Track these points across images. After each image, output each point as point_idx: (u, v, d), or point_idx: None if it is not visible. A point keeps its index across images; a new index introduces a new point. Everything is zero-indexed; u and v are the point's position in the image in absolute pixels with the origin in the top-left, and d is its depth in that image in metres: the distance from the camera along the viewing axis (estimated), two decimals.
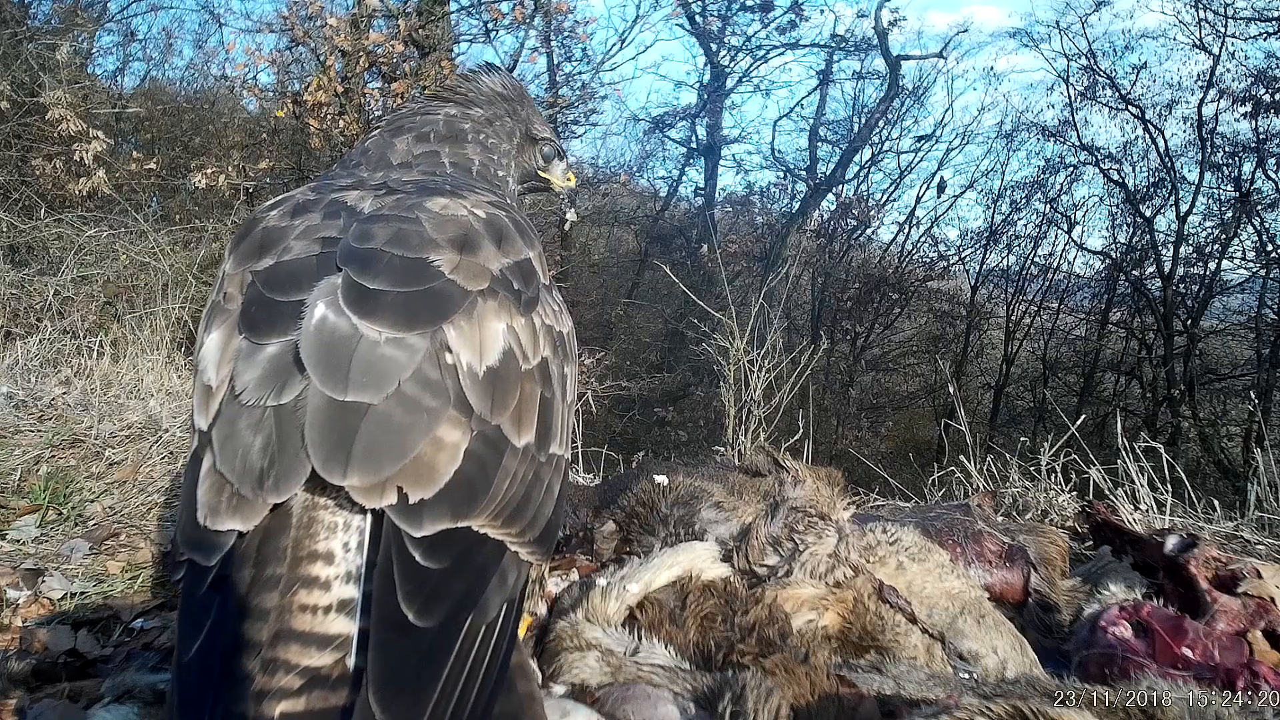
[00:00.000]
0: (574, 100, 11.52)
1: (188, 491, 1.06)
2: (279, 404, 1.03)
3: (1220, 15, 13.49)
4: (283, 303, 1.12)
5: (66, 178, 7.87)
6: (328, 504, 1.02)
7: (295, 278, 1.15)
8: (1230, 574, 1.90)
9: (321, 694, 0.90)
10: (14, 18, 9.31)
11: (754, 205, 20.31)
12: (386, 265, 1.14)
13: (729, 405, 4.83)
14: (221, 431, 1.04)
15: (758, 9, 17.78)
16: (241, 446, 1.02)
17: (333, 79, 7.68)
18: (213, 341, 1.14)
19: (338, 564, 0.99)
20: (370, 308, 1.08)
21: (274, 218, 1.30)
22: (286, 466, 1.00)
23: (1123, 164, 15.44)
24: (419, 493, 0.99)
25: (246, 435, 1.03)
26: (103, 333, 5.52)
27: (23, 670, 1.67)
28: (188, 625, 0.96)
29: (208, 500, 1.01)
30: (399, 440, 1.01)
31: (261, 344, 1.08)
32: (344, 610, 0.96)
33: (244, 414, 1.04)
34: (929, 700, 1.32)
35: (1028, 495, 3.18)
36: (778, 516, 2.00)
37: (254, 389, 1.04)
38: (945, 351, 16.73)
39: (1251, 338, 13.94)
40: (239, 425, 1.03)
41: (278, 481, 0.99)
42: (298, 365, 1.04)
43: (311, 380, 1.02)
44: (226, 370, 1.09)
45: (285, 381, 1.04)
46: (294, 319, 1.09)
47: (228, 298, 1.19)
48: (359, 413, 1.01)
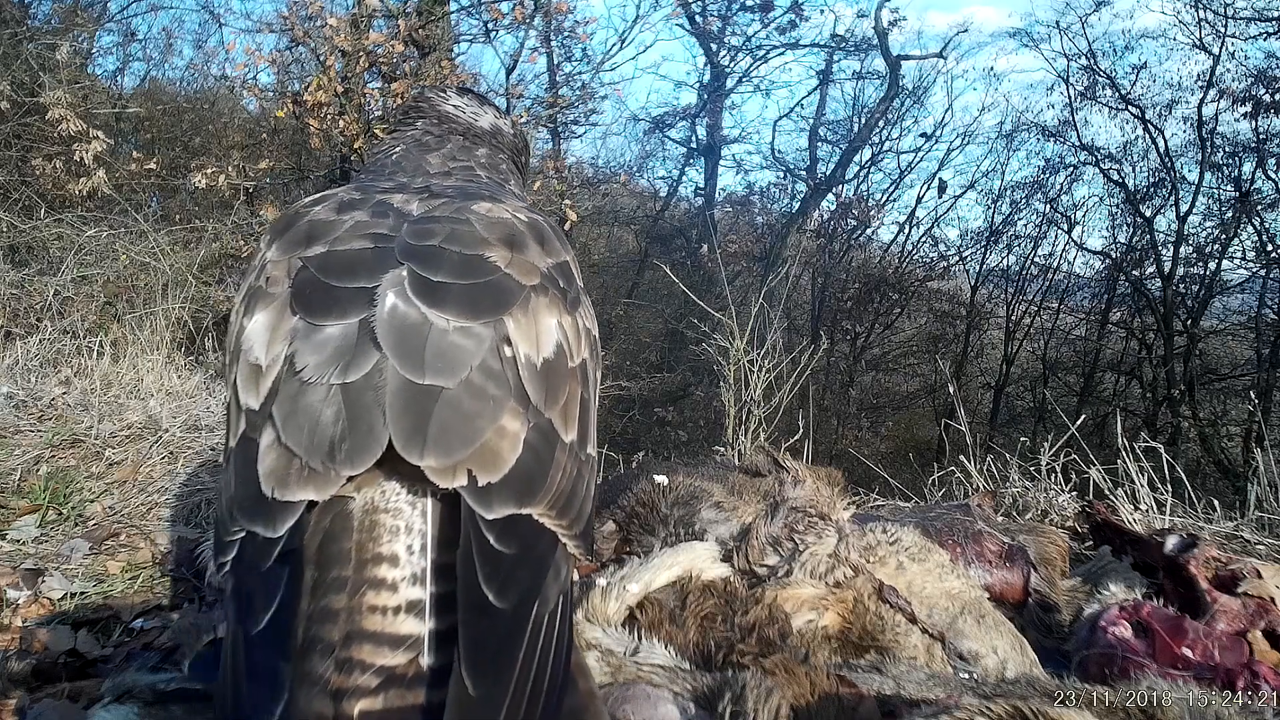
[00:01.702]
0: (574, 100, 11.51)
1: (242, 468, 1.07)
2: (345, 382, 1.06)
3: (1220, 15, 13.48)
4: (340, 288, 1.15)
5: (66, 178, 7.86)
6: (388, 506, 1.05)
7: (351, 266, 1.19)
8: (1230, 574, 1.90)
9: (399, 692, 0.92)
10: (14, 18, 9.30)
11: (754, 205, 20.31)
12: (447, 260, 1.19)
13: (729, 405, 4.83)
14: (284, 408, 1.06)
15: (758, 9, 17.78)
16: (308, 422, 1.04)
17: (333, 79, 7.67)
18: (258, 323, 1.16)
19: (403, 566, 1.01)
20: (438, 298, 1.13)
21: (319, 212, 1.34)
22: (360, 442, 1.02)
23: (1123, 164, 15.44)
24: (487, 477, 1.02)
25: (313, 411, 1.04)
26: (103, 333, 5.52)
27: (23, 670, 1.67)
28: (255, 596, 0.96)
29: (274, 472, 1.02)
30: (469, 426, 1.05)
31: (320, 325, 1.11)
32: (413, 611, 0.98)
33: (307, 391, 1.06)
34: (929, 700, 1.32)
35: (1028, 495, 3.18)
36: (778, 516, 2.00)
37: (316, 367, 1.07)
38: (945, 351, 16.72)
39: (1251, 338, 13.93)
40: (303, 402, 1.06)
41: (351, 455, 1.01)
42: (360, 347, 1.08)
43: (390, 361, 1.06)
44: (279, 349, 1.12)
45: (349, 361, 1.07)
46: (352, 304, 1.13)
47: (271, 281, 1.22)
48: (434, 396, 1.04)
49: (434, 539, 1.03)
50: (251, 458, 1.05)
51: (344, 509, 1.04)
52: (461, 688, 0.88)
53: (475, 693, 0.88)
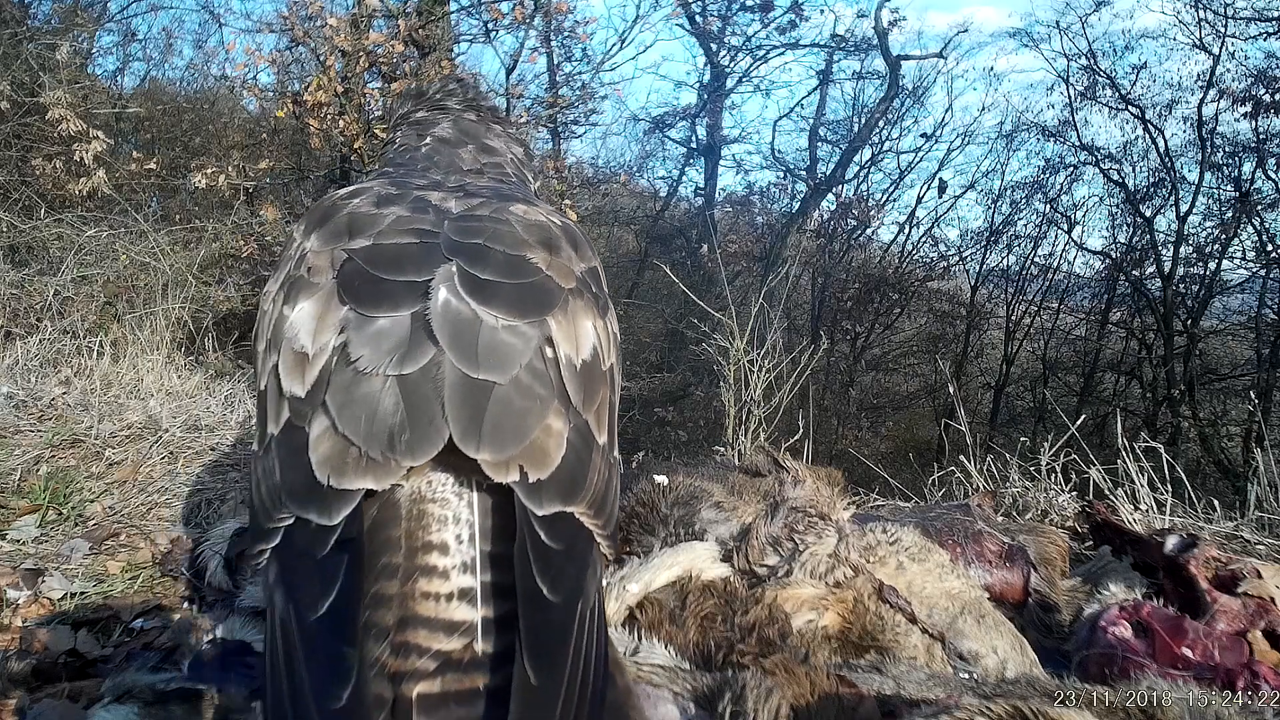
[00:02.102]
0: (574, 100, 11.50)
1: (288, 456, 1.08)
2: (401, 374, 1.07)
3: (1220, 15, 13.46)
4: (389, 280, 1.17)
5: (66, 178, 7.85)
6: (435, 496, 1.07)
7: (398, 259, 1.21)
8: (1230, 574, 1.90)
9: (456, 676, 0.94)
10: (14, 18, 9.30)
11: (754, 205, 20.29)
12: (493, 259, 1.23)
13: (729, 405, 4.83)
14: (338, 397, 1.08)
15: (758, 9, 17.75)
16: (365, 412, 1.05)
17: (333, 79, 7.66)
18: (304, 311, 1.18)
19: (453, 555, 1.03)
20: (487, 295, 1.16)
21: (358, 205, 1.36)
22: (421, 433, 1.04)
23: (1123, 164, 15.41)
24: (537, 474, 1.06)
25: (370, 401, 1.06)
26: (103, 333, 5.52)
27: (23, 670, 1.68)
28: (310, 582, 0.97)
29: (329, 460, 1.04)
30: (520, 422, 1.08)
31: (372, 316, 1.13)
32: (465, 598, 1.00)
33: (363, 381, 1.08)
34: (929, 700, 1.32)
35: (1028, 495, 3.18)
36: (778, 516, 2.00)
37: (371, 358, 1.09)
38: (945, 351, 16.71)
39: (1251, 338, 13.92)
40: (359, 392, 1.07)
41: (413, 446, 1.03)
42: (415, 340, 1.10)
43: (447, 355, 1.08)
44: (327, 338, 1.13)
45: (405, 353, 1.09)
46: (403, 297, 1.15)
47: (314, 271, 1.24)
48: (487, 392, 1.07)
49: (480, 529, 1.06)
50: (300, 445, 1.07)
51: (391, 498, 1.06)
52: (524, 677, 0.90)
53: (536, 682, 0.90)
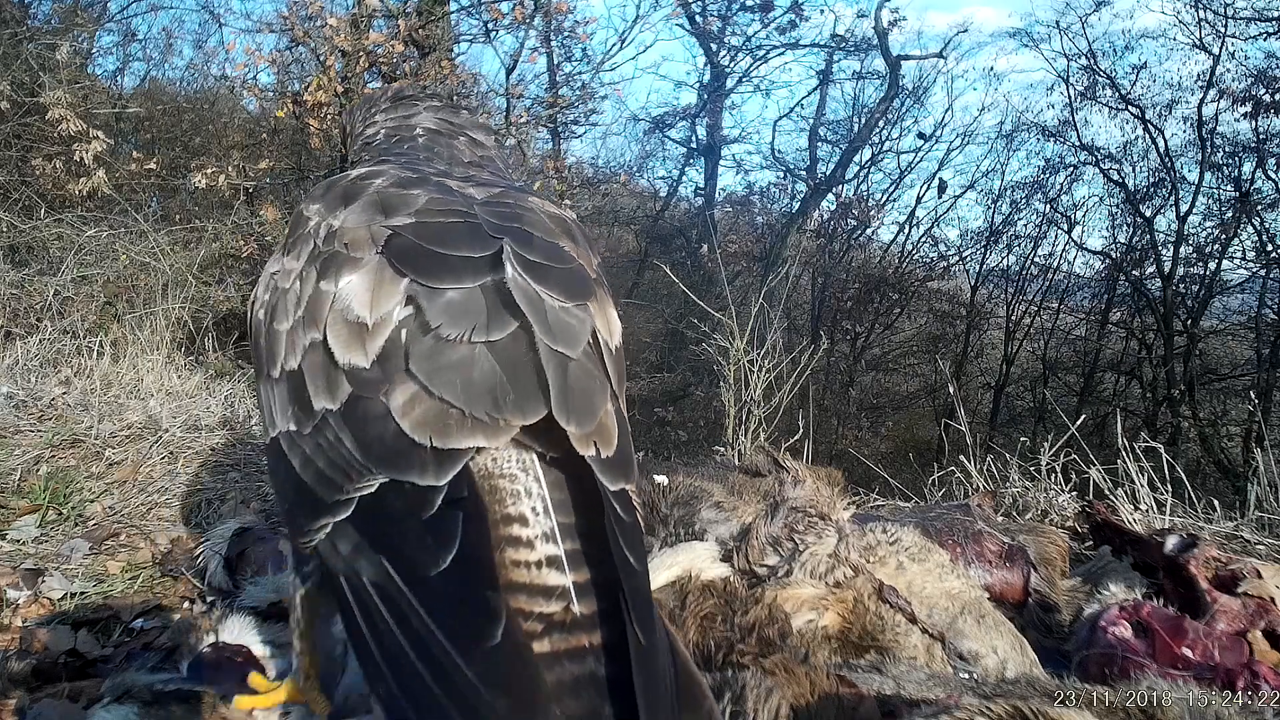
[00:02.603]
0: (574, 100, 11.49)
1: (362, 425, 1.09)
2: (489, 340, 1.12)
3: (1220, 15, 13.46)
4: (450, 255, 1.21)
5: (66, 178, 7.85)
6: (504, 472, 1.10)
7: (449, 236, 1.24)
8: (1230, 574, 1.90)
9: (563, 636, 0.98)
10: (14, 18, 9.30)
11: (754, 205, 20.29)
12: (536, 244, 1.27)
13: (729, 405, 4.83)
14: (425, 364, 1.10)
15: (758, 9, 17.75)
16: (460, 377, 1.09)
17: (333, 79, 7.66)
18: (352, 284, 1.20)
19: (532, 526, 1.07)
20: (540, 276, 1.21)
21: (382, 185, 1.39)
22: (526, 395, 1.09)
23: (1123, 164, 15.42)
24: (606, 451, 1.12)
25: (464, 366, 1.10)
26: (103, 333, 5.52)
27: (23, 670, 1.67)
28: (421, 542, 0.99)
29: (428, 423, 1.06)
30: (590, 401, 1.14)
31: (439, 288, 1.16)
32: (553, 565, 1.03)
33: (448, 349, 1.11)
34: (929, 700, 1.32)
35: (1028, 495, 3.18)
36: (778, 516, 2.00)
37: (451, 326, 1.12)
38: (945, 351, 16.71)
39: (1251, 338, 13.91)
40: (446, 358, 1.11)
41: (521, 406, 1.09)
42: (493, 310, 1.14)
43: (535, 329, 1.13)
44: (388, 308, 1.15)
45: (486, 322, 1.13)
46: (466, 271, 1.18)
47: (352, 246, 1.25)
48: (565, 367, 1.13)
49: (552, 502, 1.09)
50: (378, 414, 1.09)
51: (464, 471, 1.07)
52: (636, 639, 0.95)
53: (645, 642, 0.95)
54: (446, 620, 0.93)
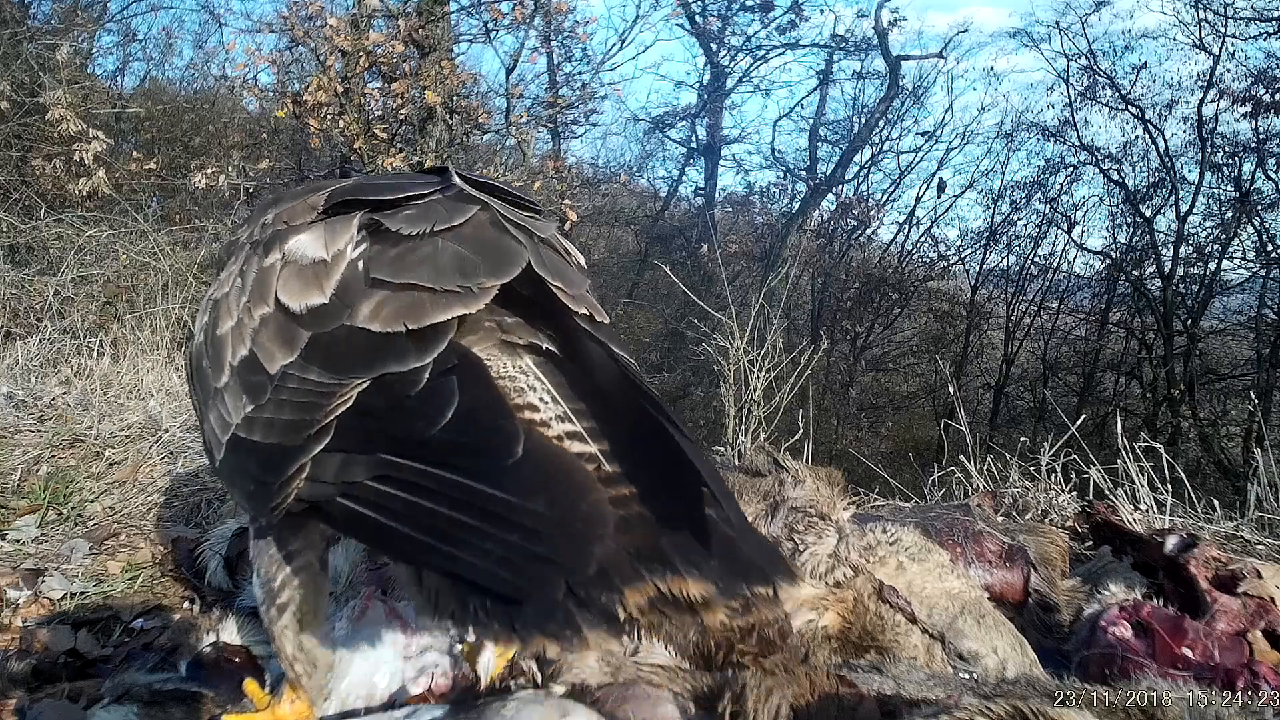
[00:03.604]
0: (574, 100, 11.51)
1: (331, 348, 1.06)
2: (451, 225, 1.11)
3: (1220, 15, 13.47)
4: (397, 183, 1.21)
5: (66, 178, 7.86)
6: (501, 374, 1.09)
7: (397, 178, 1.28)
8: (1230, 574, 1.90)
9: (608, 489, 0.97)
10: (14, 18, 9.30)
11: (754, 205, 20.31)
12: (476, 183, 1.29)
13: (729, 405, 4.82)
14: (388, 267, 1.08)
15: (758, 9, 17.79)
16: (427, 261, 1.07)
17: (333, 79, 7.67)
18: (304, 238, 1.16)
19: (543, 411, 1.06)
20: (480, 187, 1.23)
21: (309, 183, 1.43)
22: (497, 259, 1.10)
23: (1123, 164, 15.43)
24: (600, 317, 1.16)
25: (430, 252, 1.08)
26: (103, 333, 5.51)
27: (23, 670, 1.68)
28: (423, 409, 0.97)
29: (400, 313, 1.04)
30: (570, 273, 1.17)
31: (395, 209, 1.14)
32: (574, 439, 1.02)
33: (412, 249, 1.09)
34: (929, 700, 1.32)
35: (1028, 495, 3.17)
36: (778, 516, 2.00)
37: (411, 227, 1.10)
38: (945, 351, 16.71)
39: (1251, 338, 13.91)
40: (414, 254, 1.09)
41: (495, 268, 1.07)
42: (451, 204, 1.14)
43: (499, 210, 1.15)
44: (342, 244, 1.13)
45: (448, 215, 1.12)
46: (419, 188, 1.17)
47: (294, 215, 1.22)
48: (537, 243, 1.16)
49: (555, 391, 1.09)
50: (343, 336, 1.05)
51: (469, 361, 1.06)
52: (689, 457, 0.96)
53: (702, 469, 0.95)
54: (462, 461, 0.91)
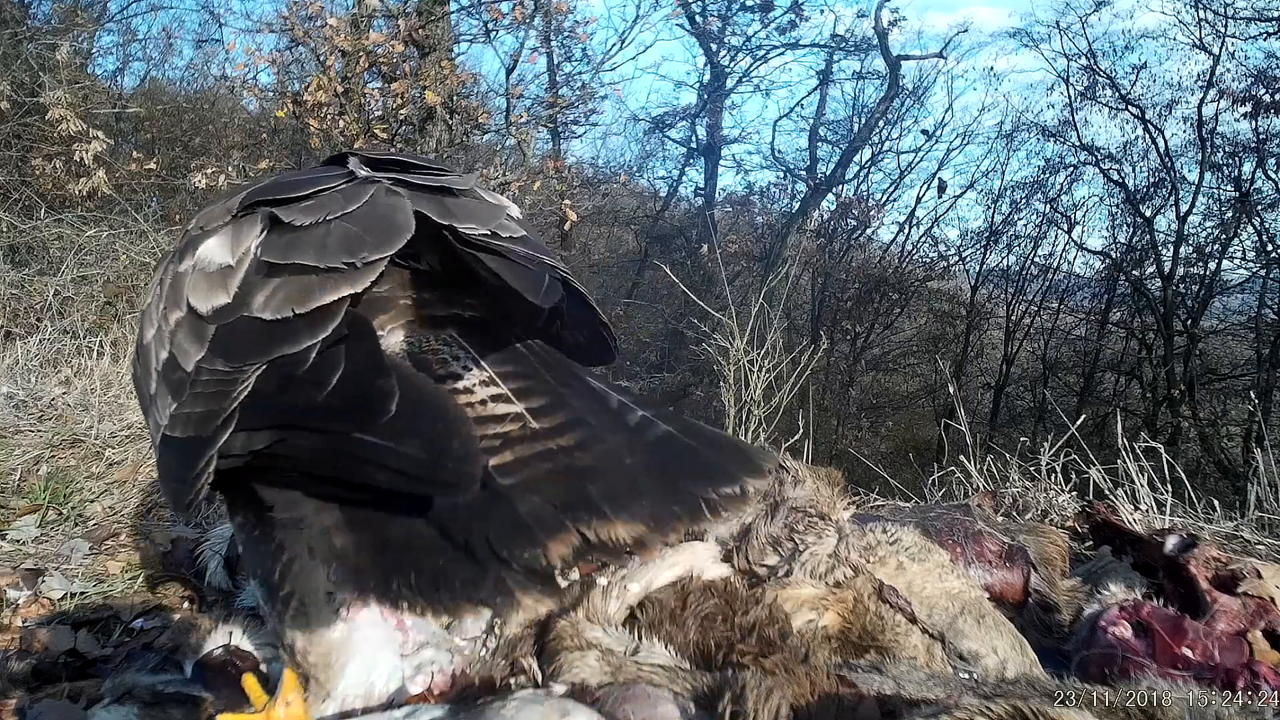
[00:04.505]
0: (574, 100, 11.51)
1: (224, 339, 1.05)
2: (345, 212, 1.10)
3: (1220, 15, 13.47)
4: (306, 178, 1.20)
5: (66, 178, 7.86)
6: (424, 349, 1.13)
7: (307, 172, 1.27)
8: (1230, 574, 1.90)
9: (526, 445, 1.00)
10: (14, 18, 9.30)
11: (754, 205, 20.28)
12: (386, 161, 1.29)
13: (729, 405, 4.82)
14: (280, 253, 1.07)
15: (758, 9, 17.75)
16: (315, 243, 1.06)
17: (333, 79, 7.66)
18: (213, 243, 1.15)
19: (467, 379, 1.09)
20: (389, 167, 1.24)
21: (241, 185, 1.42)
22: (382, 233, 1.07)
23: (1123, 164, 15.42)
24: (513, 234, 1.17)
25: (318, 236, 1.07)
26: (103, 333, 5.51)
27: (23, 670, 1.67)
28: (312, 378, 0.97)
29: (288, 300, 1.03)
30: (487, 210, 1.19)
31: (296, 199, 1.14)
32: (499, 400, 1.06)
33: (304, 232, 1.08)
34: (929, 700, 1.32)
35: (1028, 495, 3.17)
36: (778, 516, 2.00)
37: (306, 216, 1.10)
38: (945, 351, 16.71)
39: (1251, 338, 13.91)
40: (303, 239, 1.07)
41: (378, 243, 1.05)
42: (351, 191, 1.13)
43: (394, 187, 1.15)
44: (246, 246, 1.11)
45: (343, 202, 1.11)
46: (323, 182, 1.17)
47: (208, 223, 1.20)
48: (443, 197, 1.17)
49: (483, 357, 1.12)
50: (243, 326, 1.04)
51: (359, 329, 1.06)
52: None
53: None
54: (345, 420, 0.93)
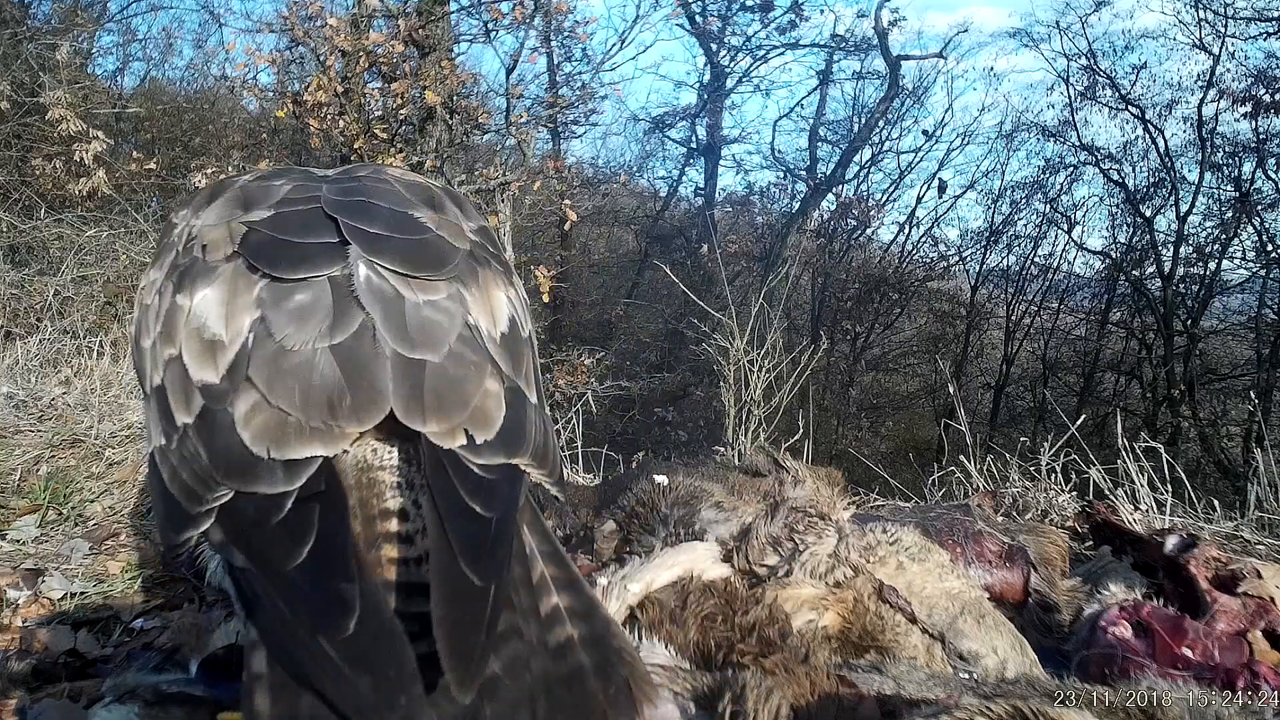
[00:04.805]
0: (574, 100, 11.50)
1: (211, 438, 1.06)
2: (332, 344, 1.08)
3: (1220, 15, 13.48)
4: (304, 243, 1.18)
5: (66, 178, 7.86)
6: (383, 464, 1.08)
7: (307, 223, 1.22)
8: (1230, 574, 1.90)
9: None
10: (14, 18, 9.30)
11: (754, 205, 20.29)
12: (378, 214, 1.24)
13: (729, 405, 4.83)
14: (265, 372, 1.07)
15: (758, 9, 17.76)
16: (299, 384, 1.06)
17: (333, 79, 7.66)
18: (207, 299, 1.15)
19: (413, 520, 1.05)
20: (378, 249, 1.18)
21: (246, 181, 1.35)
22: (363, 398, 1.05)
23: (1123, 164, 15.44)
24: (483, 435, 1.09)
25: (303, 373, 1.06)
26: (103, 333, 5.51)
27: (23, 670, 1.68)
28: (277, 540, 0.97)
29: (267, 433, 1.03)
30: (460, 391, 1.10)
31: (291, 283, 1.13)
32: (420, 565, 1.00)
33: (290, 356, 1.08)
34: (929, 700, 1.32)
35: (1028, 495, 3.17)
36: (778, 516, 2.00)
37: (298, 334, 1.09)
38: (945, 351, 16.71)
39: (1251, 338, 13.93)
40: (287, 364, 1.07)
41: (356, 411, 1.05)
42: (340, 307, 1.11)
43: (380, 334, 1.10)
44: (242, 321, 1.12)
45: (332, 324, 1.10)
46: (321, 257, 1.16)
47: (210, 249, 1.21)
48: (422, 368, 1.09)
49: (419, 503, 1.06)
50: (225, 425, 1.05)
51: (338, 466, 1.05)
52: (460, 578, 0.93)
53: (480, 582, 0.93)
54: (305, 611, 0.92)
